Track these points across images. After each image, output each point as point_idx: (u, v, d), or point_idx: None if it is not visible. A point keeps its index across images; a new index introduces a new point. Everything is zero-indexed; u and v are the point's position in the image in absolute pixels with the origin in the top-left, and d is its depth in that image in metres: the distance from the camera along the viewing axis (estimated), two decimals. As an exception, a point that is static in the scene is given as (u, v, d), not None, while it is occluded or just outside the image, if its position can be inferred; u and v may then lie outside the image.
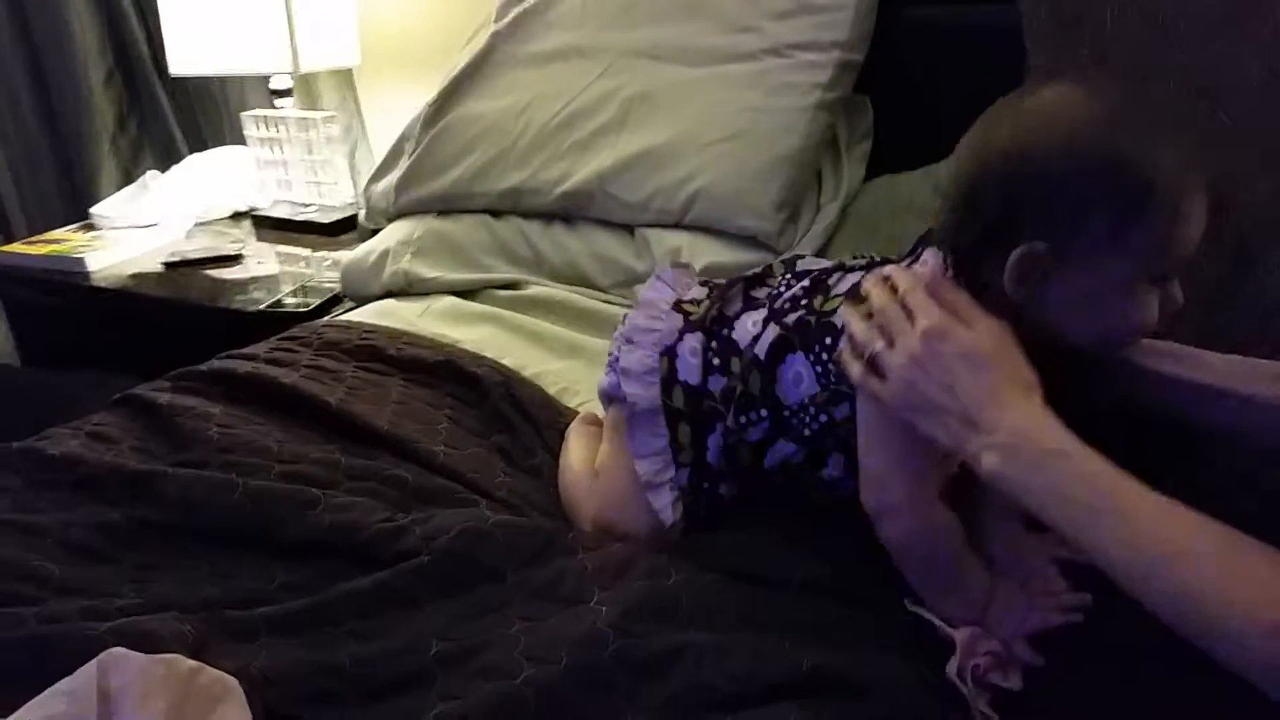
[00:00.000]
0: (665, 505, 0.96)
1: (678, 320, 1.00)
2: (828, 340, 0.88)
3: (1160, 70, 1.10)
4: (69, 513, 1.00)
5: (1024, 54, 1.28)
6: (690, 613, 0.80)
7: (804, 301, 0.92)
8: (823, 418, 0.88)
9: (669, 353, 0.98)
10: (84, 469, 1.05)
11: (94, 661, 0.69)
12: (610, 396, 1.04)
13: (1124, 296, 0.78)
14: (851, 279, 0.91)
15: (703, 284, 1.07)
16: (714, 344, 0.97)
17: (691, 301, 1.03)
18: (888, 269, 0.85)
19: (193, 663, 0.71)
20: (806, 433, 0.89)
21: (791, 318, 0.91)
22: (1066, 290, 0.78)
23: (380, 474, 1.03)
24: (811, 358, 0.88)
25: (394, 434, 1.10)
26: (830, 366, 0.87)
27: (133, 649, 0.74)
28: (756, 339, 0.92)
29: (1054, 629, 0.82)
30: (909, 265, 0.87)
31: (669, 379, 0.97)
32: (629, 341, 1.02)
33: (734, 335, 0.96)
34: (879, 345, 0.80)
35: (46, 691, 0.68)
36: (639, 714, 0.73)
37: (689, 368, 0.97)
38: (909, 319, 0.79)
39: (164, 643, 0.77)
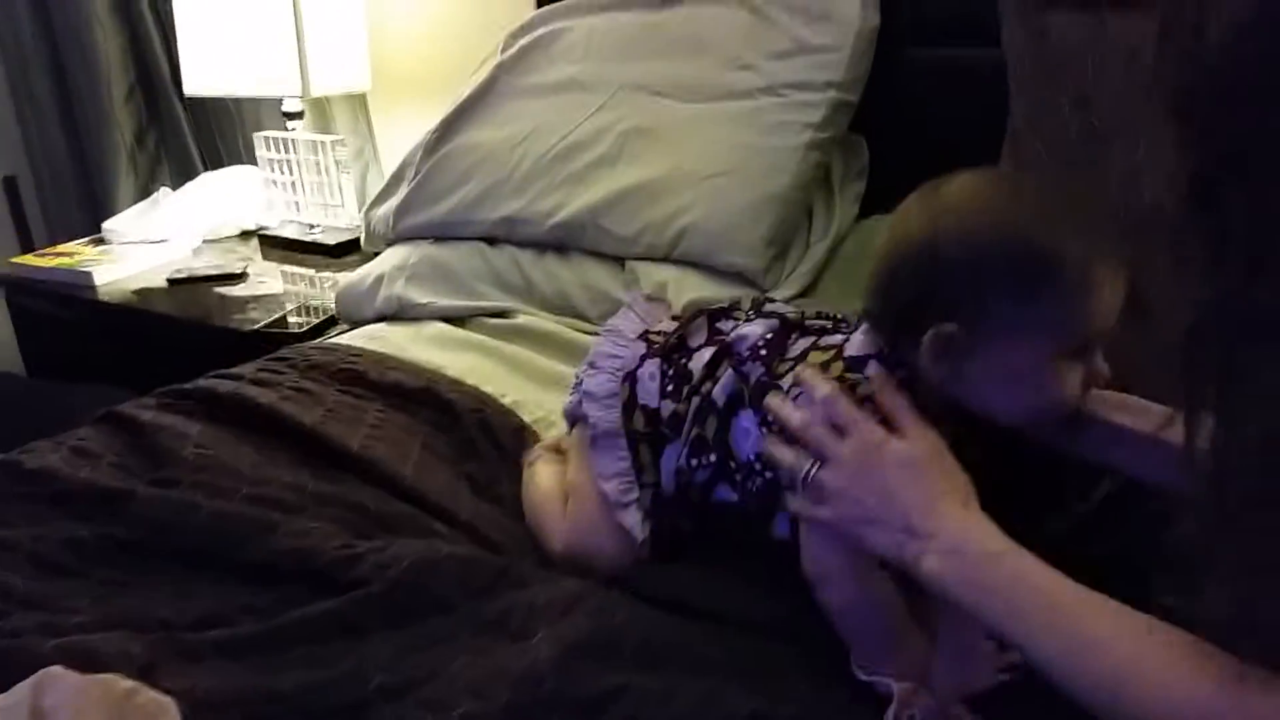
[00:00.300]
0: (634, 524, 0.98)
1: (641, 348, 1.03)
2: None
3: (1143, 117, 1.10)
4: (41, 527, 1.02)
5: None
6: (635, 652, 0.80)
7: (764, 353, 0.92)
8: (769, 474, 0.89)
9: (630, 378, 1.00)
10: (59, 484, 1.07)
11: (29, 680, 0.70)
12: (574, 417, 1.07)
13: (1041, 374, 0.79)
14: (804, 344, 0.92)
15: (674, 319, 1.09)
16: (670, 370, 0.98)
17: (659, 333, 1.05)
18: (804, 373, 0.86)
19: (130, 683, 0.72)
20: (750, 488, 0.90)
21: (751, 370, 0.92)
22: (982, 369, 0.80)
23: (344, 500, 1.05)
24: (759, 417, 0.90)
25: (364, 456, 1.12)
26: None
27: (78, 667, 0.75)
28: (715, 380, 0.93)
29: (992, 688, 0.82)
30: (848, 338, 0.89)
31: (629, 403, 0.99)
32: (593, 366, 1.05)
33: (690, 365, 0.97)
34: (812, 467, 0.81)
35: (-17, 707, 0.69)
36: (574, 754, 0.74)
37: (648, 391, 0.99)
38: (838, 433, 0.81)
39: (110, 660, 0.78)
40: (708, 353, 0.97)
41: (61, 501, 1.06)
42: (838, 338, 0.90)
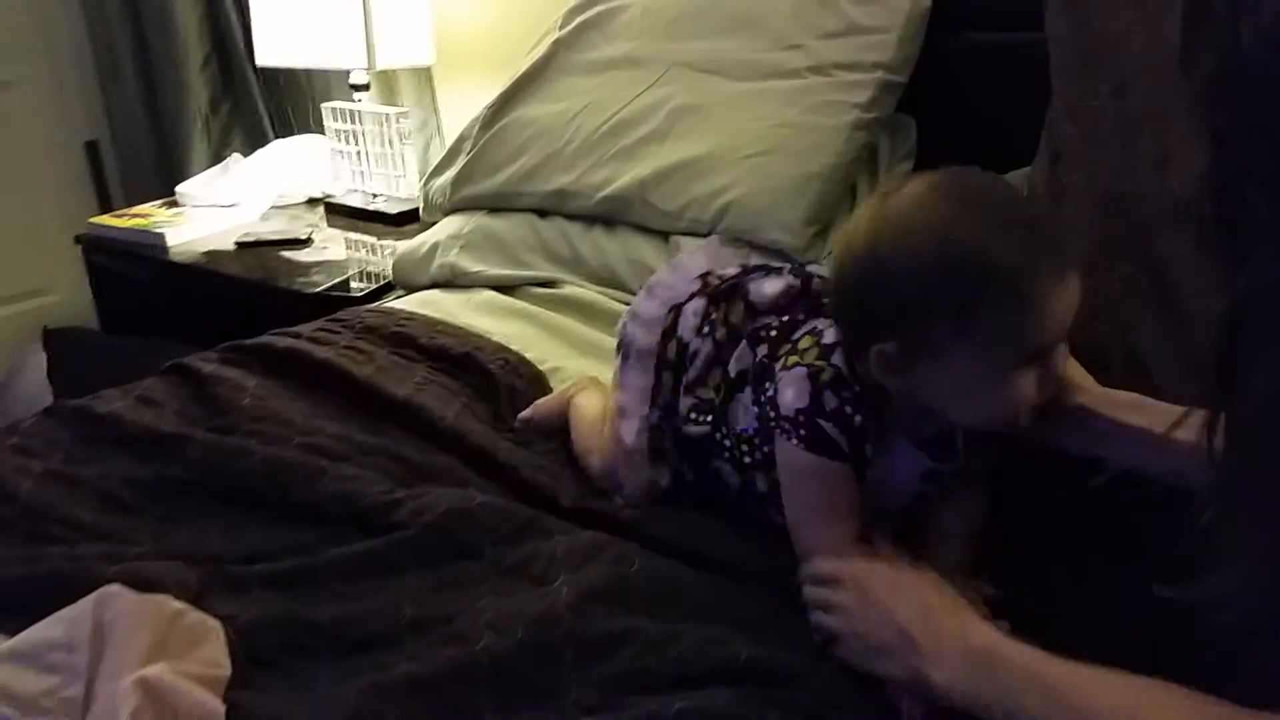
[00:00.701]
0: (631, 431, 1.03)
1: (696, 285, 1.07)
2: (766, 384, 0.93)
3: (1175, 103, 1.11)
4: (106, 466, 1.10)
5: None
6: (645, 600, 0.85)
7: (774, 334, 0.96)
8: (758, 455, 0.94)
9: (676, 310, 1.05)
10: (124, 428, 1.15)
11: (92, 596, 0.77)
12: (620, 340, 1.11)
13: (990, 384, 0.80)
14: (806, 328, 0.94)
15: (740, 267, 1.12)
16: (712, 313, 1.03)
17: (719, 277, 1.08)
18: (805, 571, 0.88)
19: (179, 604, 0.79)
20: (744, 459, 0.96)
21: (759, 350, 0.96)
22: (930, 381, 0.82)
23: (388, 450, 1.11)
24: (754, 398, 0.94)
25: (409, 404, 1.19)
26: (766, 410, 0.91)
27: (135, 590, 0.82)
28: (734, 344, 0.98)
29: None
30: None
31: (669, 331, 1.04)
32: (648, 292, 1.10)
33: (730, 316, 1.01)
34: (820, 617, 0.84)
35: (51, 617, 0.76)
36: (583, 688, 0.79)
37: (687, 325, 1.03)
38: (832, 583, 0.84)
39: (165, 586, 0.85)
40: (741, 306, 1.01)
41: (125, 444, 1.14)
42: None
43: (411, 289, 1.71)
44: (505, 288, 1.62)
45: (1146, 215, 1.07)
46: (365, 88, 2.19)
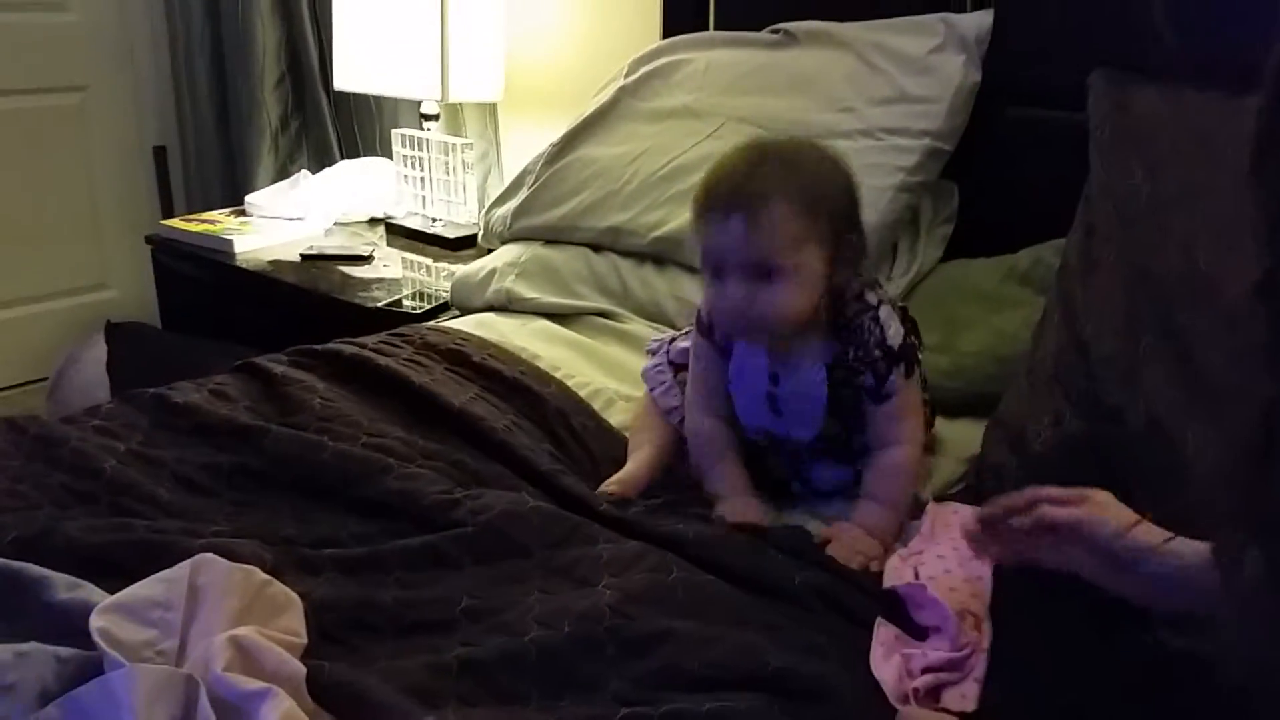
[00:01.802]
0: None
1: None
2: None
3: (1203, 188, 1.19)
4: (183, 451, 1.19)
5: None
6: (683, 606, 0.92)
7: None
8: None
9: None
10: (201, 417, 1.24)
11: (188, 561, 0.85)
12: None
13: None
14: None
15: None
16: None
17: None
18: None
19: (266, 576, 0.87)
20: None
21: None
22: None
23: (448, 456, 1.19)
24: None
25: (464, 413, 1.27)
26: None
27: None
28: None
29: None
30: None
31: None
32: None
33: None
34: None
35: (151, 577, 0.84)
36: (622, 682, 0.86)
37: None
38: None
39: (246, 559, 0.93)
40: None
41: (202, 432, 1.23)
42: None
43: (467, 310, 1.80)
44: (558, 316, 1.70)
45: (1171, 291, 1.14)
46: (435, 118, 2.29)
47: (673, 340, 1.36)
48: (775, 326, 1.11)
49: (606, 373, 1.54)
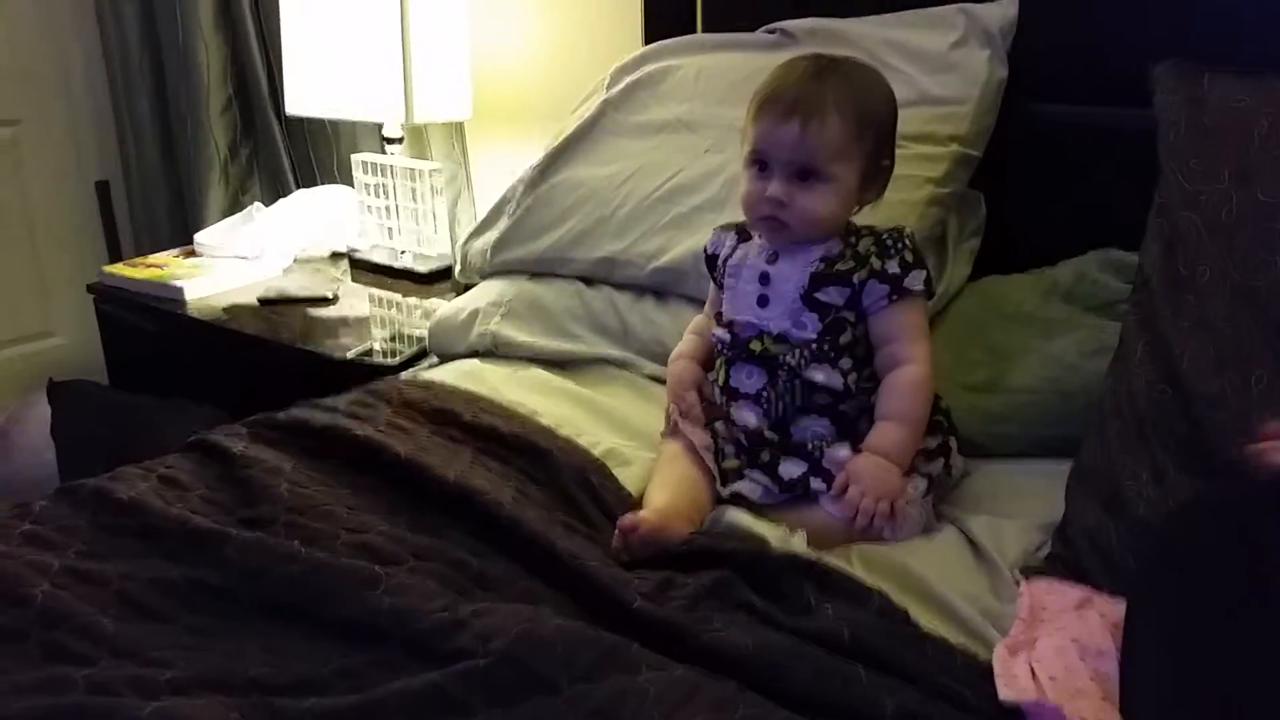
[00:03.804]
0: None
1: None
2: None
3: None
4: (130, 563, 0.99)
5: (1151, 158, 1.22)
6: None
7: None
8: None
9: None
10: (150, 517, 1.04)
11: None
12: None
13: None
14: None
15: None
16: None
17: None
18: None
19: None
20: None
21: None
22: None
23: (445, 554, 1.00)
24: None
25: (460, 491, 1.09)
26: None
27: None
28: None
29: None
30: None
31: None
32: None
33: None
34: None
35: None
36: None
37: None
38: None
39: (206, 728, 0.74)
40: None
41: (151, 537, 1.03)
42: None
43: (448, 357, 1.61)
44: (552, 360, 1.52)
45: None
46: (399, 140, 2.10)
47: None
48: (801, 228, 1.18)
49: (617, 430, 1.36)
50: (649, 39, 1.90)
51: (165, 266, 2.09)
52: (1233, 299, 1.02)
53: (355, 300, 1.97)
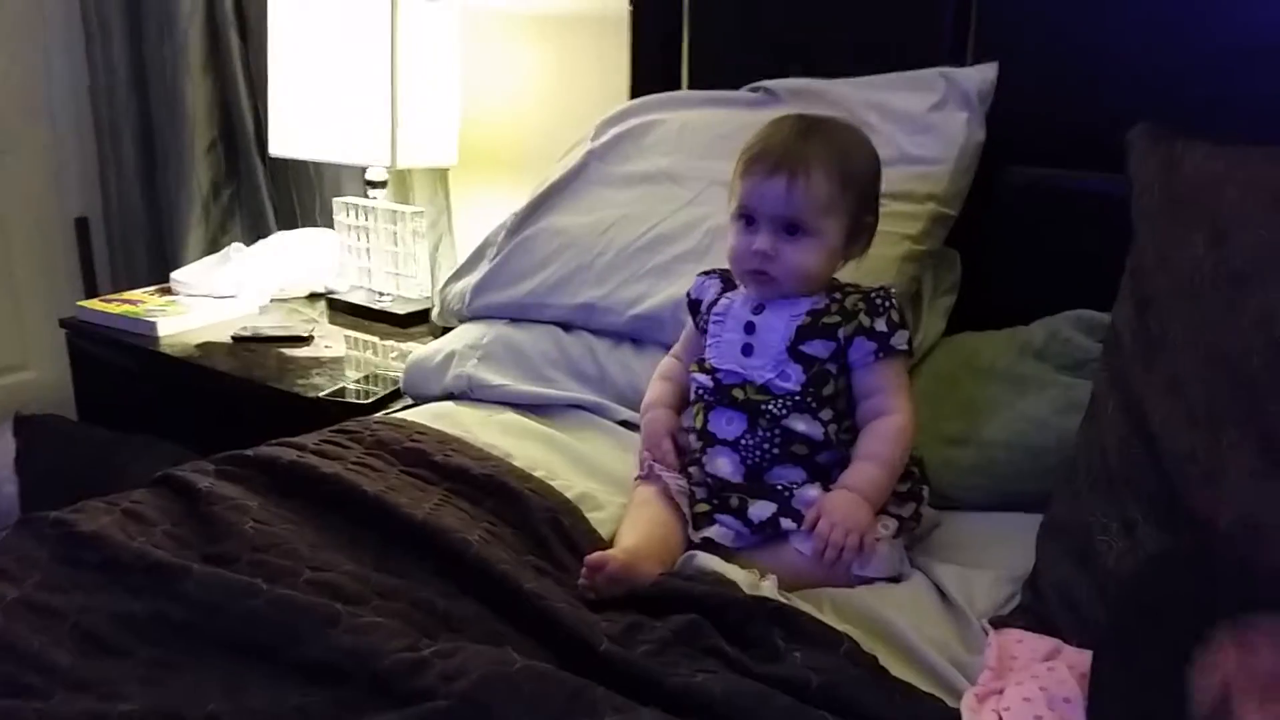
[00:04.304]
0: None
1: None
2: None
3: (1281, 258, 1.04)
4: (90, 597, 0.97)
5: (1123, 221, 1.24)
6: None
7: None
8: None
9: None
10: (111, 550, 1.02)
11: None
12: None
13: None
14: None
15: None
16: None
17: None
18: None
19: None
20: None
21: None
22: None
23: (410, 594, 0.99)
24: None
25: (428, 530, 1.08)
26: None
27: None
28: None
29: None
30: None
31: None
32: None
33: None
34: None
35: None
36: None
37: None
38: None
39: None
40: None
41: (112, 570, 1.01)
42: None
43: (423, 399, 1.60)
44: (527, 405, 1.51)
45: (1255, 375, 0.99)
46: (383, 185, 2.11)
47: None
48: (788, 281, 1.20)
49: (590, 474, 1.35)
50: (635, 94, 1.92)
51: (140, 303, 2.08)
52: (1204, 359, 1.03)
53: (331, 341, 1.97)
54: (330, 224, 2.25)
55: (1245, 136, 1.19)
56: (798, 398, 1.18)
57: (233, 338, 1.93)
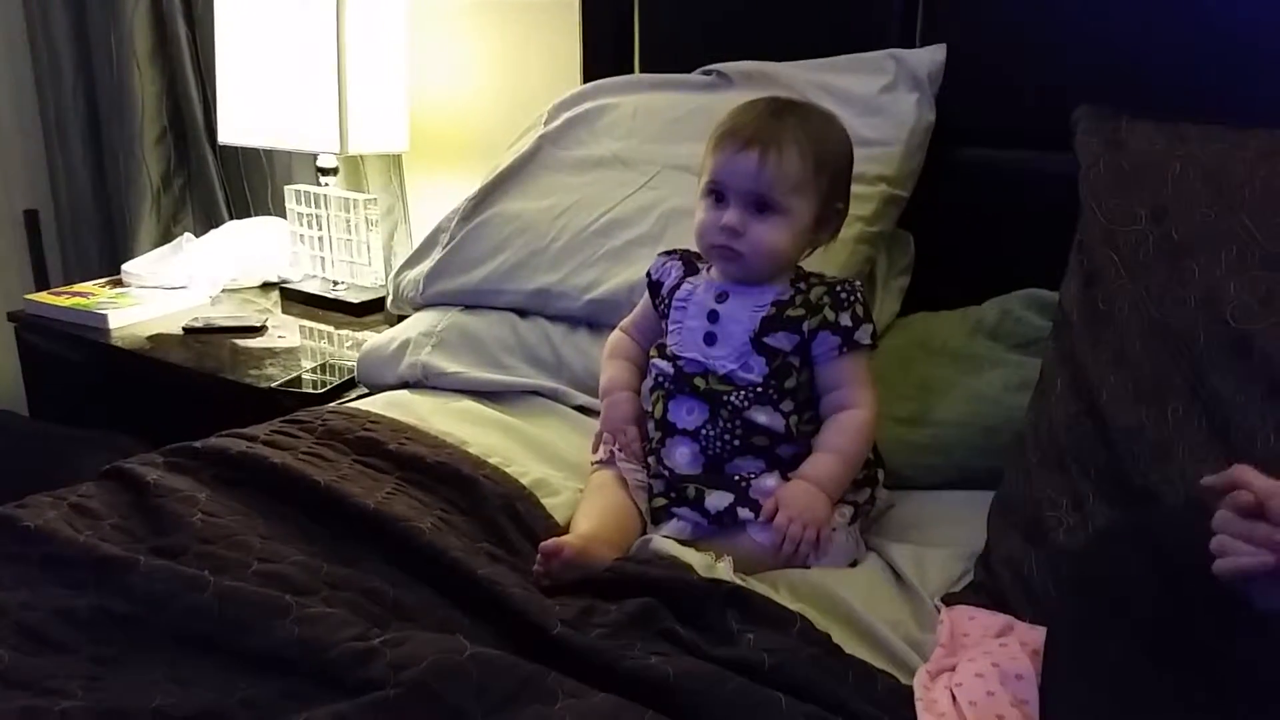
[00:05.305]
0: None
1: None
2: None
3: (1222, 232, 1.05)
4: (32, 592, 0.96)
5: (1071, 201, 1.25)
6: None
7: None
8: None
9: None
10: (55, 546, 1.01)
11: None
12: None
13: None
14: None
15: None
16: None
17: None
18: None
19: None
20: None
21: None
22: None
23: (360, 583, 0.98)
24: None
25: (381, 514, 1.07)
26: None
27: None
28: None
29: None
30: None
31: None
32: None
33: None
34: None
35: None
36: None
37: None
38: None
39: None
40: None
41: (56, 565, 1.00)
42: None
43: (377, 388, 1.58)
44: (483, 393, 1.50)
45: (1199, 349, 1.00)
46: (334, 171, 2.09)
47: None
48: (754, 259, 1.18)
49: (546, 460, 1.34)
50: (588, 77, 1.91)
51: (90, 296, 2.05)
52: (1149, 333, 1.04)
53: (284, 331, 1.94)
54: (284, 213, 2.22)
55: (1193, 116, 1.20)
56: (760, 389, 1.17)
57: (184, 329, 1.91)
